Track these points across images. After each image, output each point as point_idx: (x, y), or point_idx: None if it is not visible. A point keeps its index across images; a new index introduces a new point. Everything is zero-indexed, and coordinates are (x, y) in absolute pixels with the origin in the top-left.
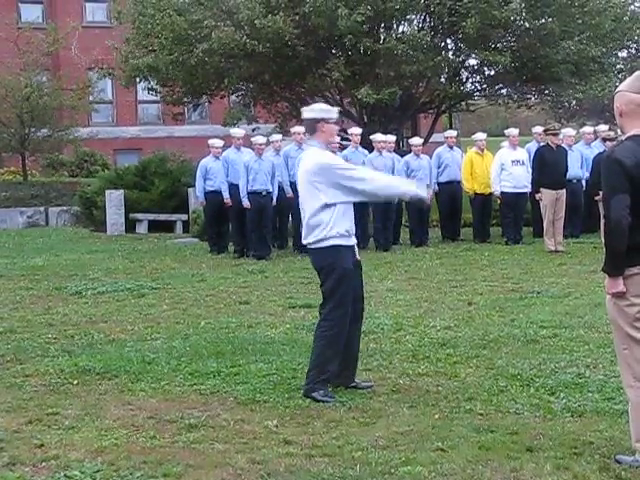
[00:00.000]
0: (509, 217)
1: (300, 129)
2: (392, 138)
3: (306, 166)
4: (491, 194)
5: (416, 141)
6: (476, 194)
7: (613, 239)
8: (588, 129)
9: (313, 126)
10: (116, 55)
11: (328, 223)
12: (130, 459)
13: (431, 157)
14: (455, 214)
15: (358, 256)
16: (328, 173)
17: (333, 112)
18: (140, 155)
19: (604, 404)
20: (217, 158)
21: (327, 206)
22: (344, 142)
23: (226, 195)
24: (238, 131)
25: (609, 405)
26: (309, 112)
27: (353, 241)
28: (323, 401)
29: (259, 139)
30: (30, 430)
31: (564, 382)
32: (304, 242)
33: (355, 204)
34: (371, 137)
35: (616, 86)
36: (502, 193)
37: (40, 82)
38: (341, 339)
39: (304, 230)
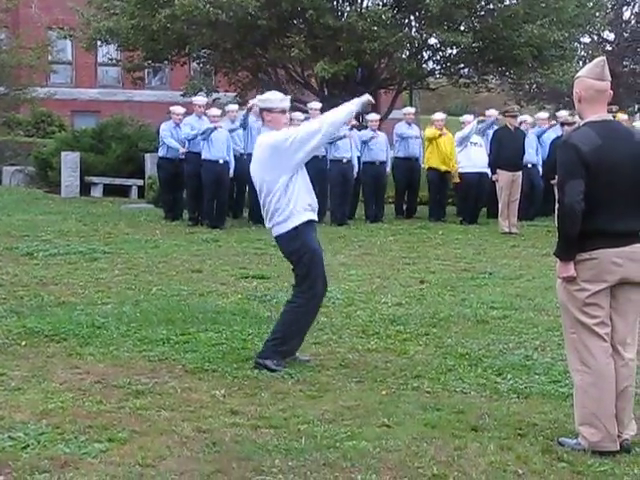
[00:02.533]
0: (467, 197)
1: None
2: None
3: (260, 148)
4: (448, 172)
5: (373, 117)
6: (431, 169)
7: (566, 224)
8: (542, 115)
9: (261, 114)
10: (77, 17)
11: (290, 201)
12: (75, 423)
13: (391, 133)
14: (412, 191)
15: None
16: (282, 148)
17: (277, 102)
18: (98, 118)
19: (550, 387)
20: (177, 125)
21: (289, 181)
22: (304, 115)
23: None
24: (201, 99)
25: (555, 388)
26: (258, 101)
27: (315, 215)
28: (274, 370)
29: (213, 111)
30: None
31: (512, 363)
32: (267, 226)
33: (313, 180)
34: (308, 105)
35: (577, 72)
36: (462, 173)
37: None
38: (309, 318)
39: (266, 215)
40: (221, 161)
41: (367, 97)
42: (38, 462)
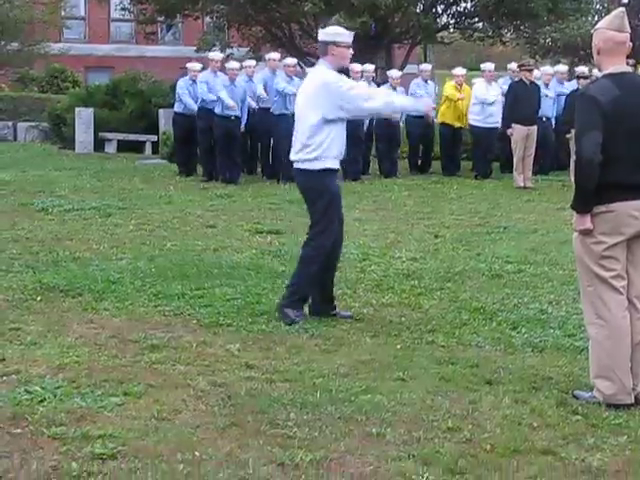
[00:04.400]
0: (480, 151)
1: (275, 55)
2: (371, 67)
3: (311, 81)
4: (461, 128)
5: (395, 73)
6: (444, 124)
7: (583, 176)
8: (562, 68)
9: (324, 48)
10: None
11: (322, 143)
12: (91, 377)
13: (407, 89)
14: (426, 147)
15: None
16: (333, 91)
17: (345, 36)
18: (112, 74)
19: (565, 340)
20: (194, 81)
21: (326, 123)
22: None
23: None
24: (216, 55)
25: (570, 341)
26: (322, 34)
27: (338, 165)
28: (293, 320)
29: (232, 64)
30: None
31: (526, 317)
32: (293, 158)
33: None
34: (350, 66)
35: (593, 25)
36: (473, 127)
37: None
38: (327, 260)
39: (296, 146)
40: (232, 117)
41: (426, 109)
42: (54, 416)
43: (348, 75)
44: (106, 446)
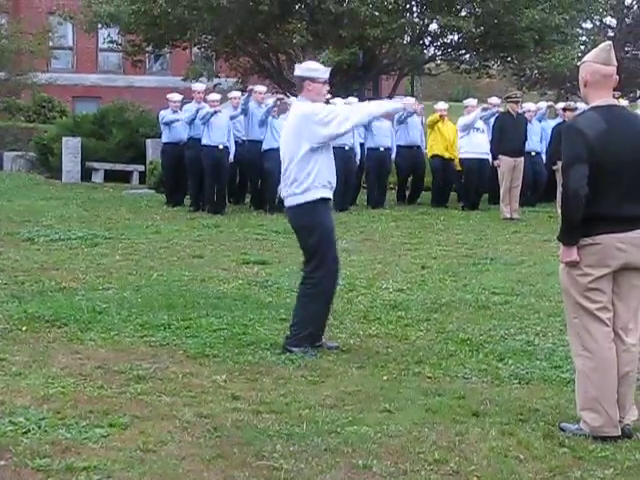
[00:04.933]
0: (469, 183)
1: (261, 88)
2: (354, 100)
3: (292, 116)
4: (451, 159)
5: None
6: (435, 156)
7: (570, 208)
8: (543, 104)
9: (300, 84)
10: (79, 1)
11: (310, 173)
12: (76, 408)
13: (392, 120)
14: (416, 178)
15: None
16: (312, 120)
17: (320, 72)
18: (99, 103)
19: (551, 372)
20: (175, 112)
21: (311, 153)
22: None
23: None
24: (199, 85)
25: (556, 373)
26: (298, 69)
27: (331, 195)
28: (302, 355)
29: (213, 96)
30: None
31: (513, 349)
32: (283, 195)
33: None
34: (332, 101)
35: (579, 57)
36: (463, 159)
37: None
38: (325, 297)
39: (285, 183)
40: (220, 146)
41: (409, 100)
42: (39, 447)
43: None
44: (91, 478)
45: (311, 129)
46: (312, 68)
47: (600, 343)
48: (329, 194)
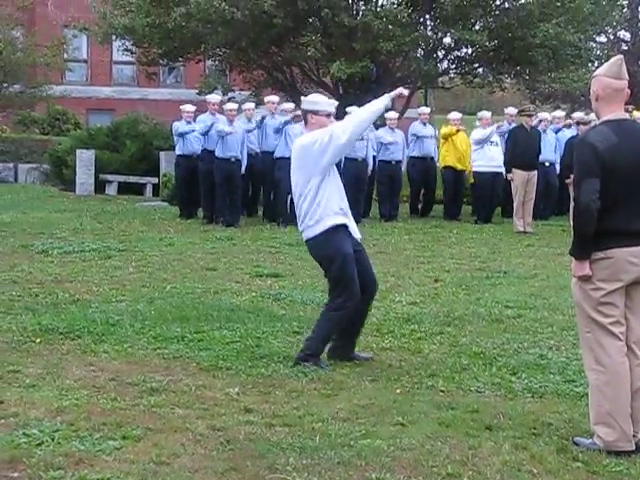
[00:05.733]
0: (482, 196)
1: (274, 98)
2: (356, 109)
3: (295, 150)
4: (463, 171)
5: (391, 115)
6: (447, 168)
7: (582, 223)
8: (559, 113)
9: (305, 116)
10: (93, 14)
11: (320, 203)
12: (90, 420)
13: (406, 132)
14: (428, 190)
15: (359, 234)
16: (311, 151)
17: (324, 105)
18: (113, 116)
19: (565, 386)
20: (189, 123)
21: (318, 183)
22: None
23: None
24: (214, 97)
25: (570, 387)
26: (303, 102)
27: (349, 220)
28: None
29: (230, 105)
30: None
31: (526, 362)
32: (300, 229)
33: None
34: (347, 109)
35: (591, 74)
36: (477, 172)
37: (14, 37)
38: (343, 320)
39: (300, 219)
40: (233, 159)
41: (400, 90)
42: (52, 459)
43: None
44: None
45: (315, 159)
46: (314, 101)
47: (613, 357)
48: (343, 220)
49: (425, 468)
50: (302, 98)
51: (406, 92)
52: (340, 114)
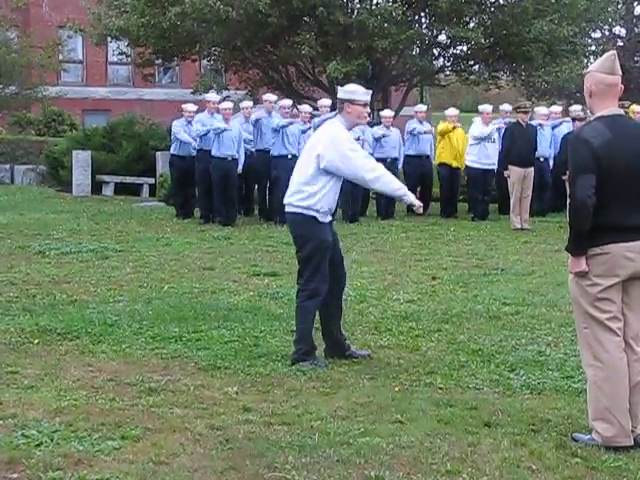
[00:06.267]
0: (474, 192)
1: (271, 97)
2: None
3: (322, 132)
4: (459, 168)
5: (387, 113)
6: (443, 165)
7: (578, 219)
8: (556, 108)
9: (341, 105)
10: (88, 14)
11: (315, 194)
12: (88, 420)
13: (402, 130)
14: (424, 188)
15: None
16: (338, 148)
17: (361, 94)
18: (109, 116)
19: (563, 382)
20: (189, 122)
21: (322, 175)
22: (314, 112)
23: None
24: (213, 96)
25: (568, 383)
26: (340, 92)
27: (330, 219)
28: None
29: (226, 104)
30: None
31: (524, 359)
32: (285, 200)
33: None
34: (381, 114)
35: (585, 69)
36: (469, 169)
37: (8, 38)
38: (317, 307)
39: (290, 189)
40: (229, 158)
41: (417, 204)
42: (51, 460)
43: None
44: None
45: (333, 155)
46: (352, 90)
47: (611, 353)
48: (328, 219)
49: (424, 465)
50: (338, 88)
51: (420, 211)
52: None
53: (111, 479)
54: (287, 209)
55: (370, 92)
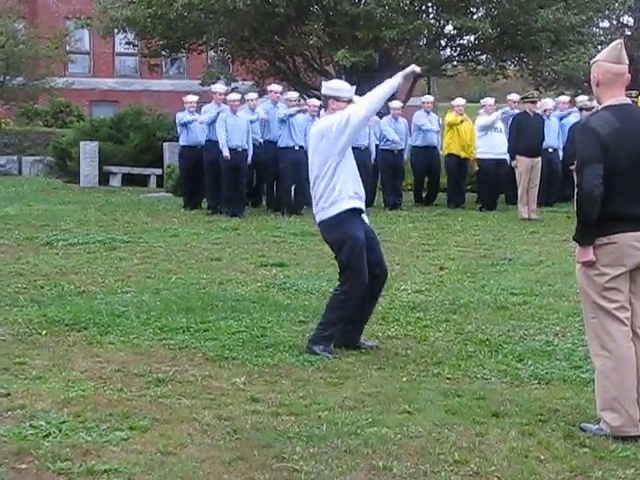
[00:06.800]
0: (486, 183)
1: (276, 87)
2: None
3: (312, 135)
4: (467, 159)
5: (396, 104)
6: (450, 155)
7: (585, 208)
8: (564, 98)
9: (325, 102)
10: (95, 5)
11: (335, 186)
12: (97, 411)
13: (410, 121)
14: (432, 179)
15: (367, 220)
16: (328, 134)
17: (345, 91)
18: (116, 107)
19: (571, 372)
20: (192, 113)
21: (333, 166)
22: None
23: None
24: (220, 87)
25: (576, 373)
26: (324, 88)
27: (363, 205)
28: (321, 355)
29: (233, 96)
30: None
31: (532, 349)
32: (314, 212)
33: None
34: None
35: (592, 57)
36: (480, 159)
37: (16, 30)
38: (351, 305)
39: (313, 200)
40: (239, 149)
41: (412, 68)
42: (60, 450)
43: None
44: None
45: (333, 141)
46: (335, 87)
47: (619, 342)
48: (357, 204)
49: (432, 455)
50: (323, 83)
51: (418, 69)
52: None
53: (119, 469)
54: (317, 218)
55: (353, 88)
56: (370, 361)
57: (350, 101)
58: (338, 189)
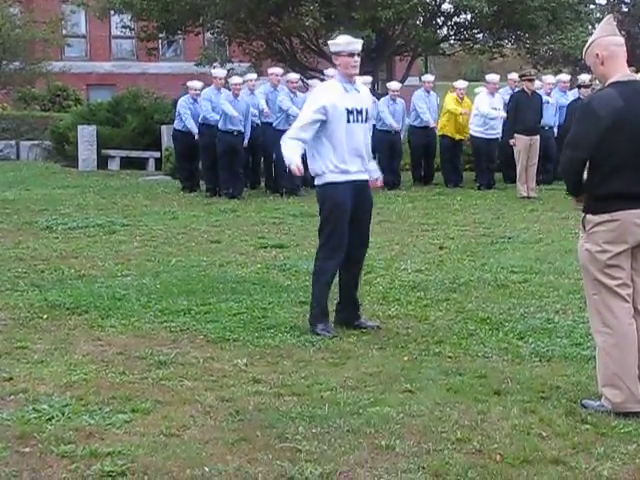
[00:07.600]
0: (479, 161)
1: (277, 70)
2: (368, 79)
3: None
4: (461, 140)
5: (394, 85)
6: (444, 136)
7: (566, 180)
8: (564, 77)
9: (332, 60)
10: None
11: (321, 156)
12: (99, 394)
13: (408, 101)
14: (428, 158)
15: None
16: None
17: (343, 45)
18: (113, 91)
19: (572, 349)
20: (195, 100)
21: (317, 137)
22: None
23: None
24: (220, 71)
25: (577, 350)
26: (329, 46)
27: (353, 177)
28: (321, 334)
29: (235, 79)
30: None
31: (533, 327)
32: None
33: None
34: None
35: (590, 34)
36: (473, 138)
37: (12, 14)
38: (325, 277)
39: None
40: (235, 132)
41: (294, 168)
42: (63, 434)
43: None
44: (115, 463)
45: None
46: (336, 42)
47: (620, 319)
48: (345, 177)
49: (434, 434)
50: (329, 41)
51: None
52: None
53: (122, 452)
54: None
55: (359, 41)
56: (371, 341)
57: (352, 54)
58: (323, 160)
